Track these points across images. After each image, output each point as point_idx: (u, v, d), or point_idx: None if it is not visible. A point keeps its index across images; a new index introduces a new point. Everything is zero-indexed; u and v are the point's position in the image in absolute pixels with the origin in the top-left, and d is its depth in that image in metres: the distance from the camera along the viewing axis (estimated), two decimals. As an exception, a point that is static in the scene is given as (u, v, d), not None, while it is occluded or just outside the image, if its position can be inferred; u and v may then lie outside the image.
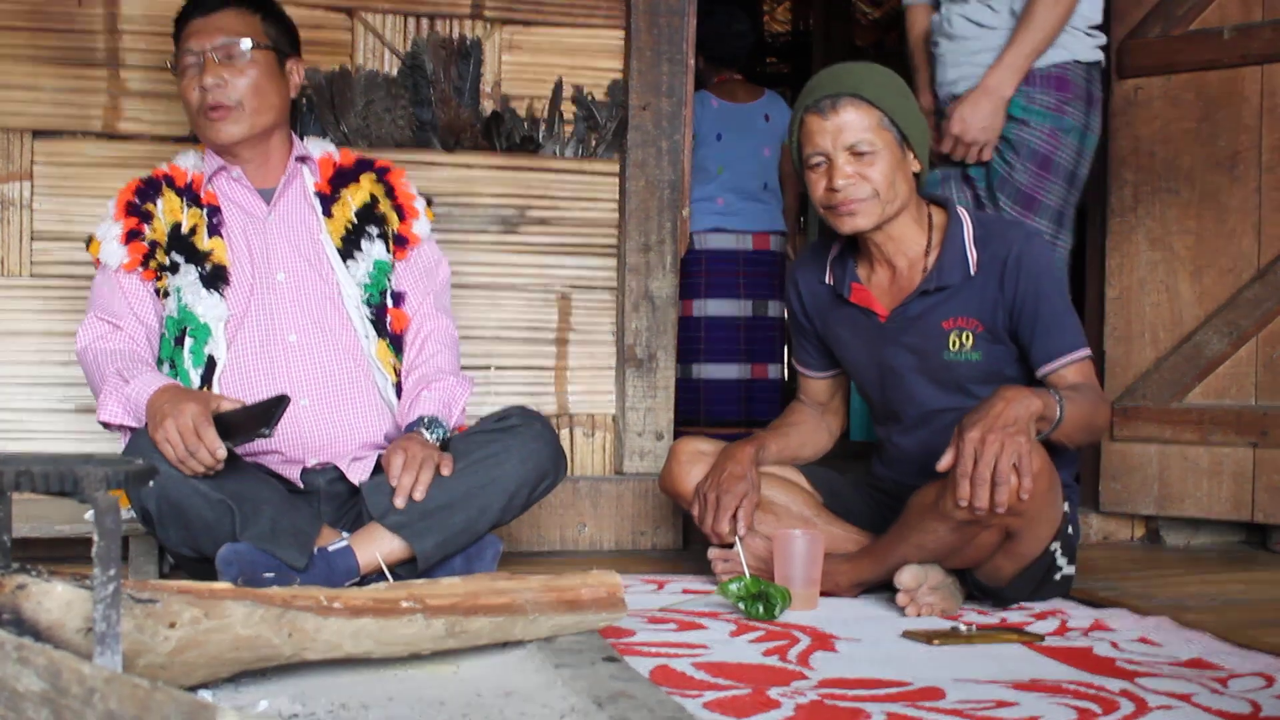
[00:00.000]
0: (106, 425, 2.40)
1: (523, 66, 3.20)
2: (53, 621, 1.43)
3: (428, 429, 2.43)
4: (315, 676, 1.74)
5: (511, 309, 3.18)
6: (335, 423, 2.48)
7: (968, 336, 2.49)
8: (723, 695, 1.78)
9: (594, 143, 3.23)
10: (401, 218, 2.61)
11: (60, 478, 1.35)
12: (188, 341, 2.44)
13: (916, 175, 2.52)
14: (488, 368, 3.15)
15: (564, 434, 3.21)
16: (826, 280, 2.64)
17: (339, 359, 2.51)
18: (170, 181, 2.54)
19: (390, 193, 2.62)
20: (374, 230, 2.58)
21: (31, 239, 2.91)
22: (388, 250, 2.58)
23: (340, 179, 2.61)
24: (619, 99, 3.22)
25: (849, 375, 2.74)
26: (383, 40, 3.10)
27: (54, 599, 1.43)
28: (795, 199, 4.74)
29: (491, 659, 1.85)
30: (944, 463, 2.22)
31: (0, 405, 2.90)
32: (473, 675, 1.79)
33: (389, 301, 2.56)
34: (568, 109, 3.22)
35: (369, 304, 2.54)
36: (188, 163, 2.57)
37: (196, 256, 2.47)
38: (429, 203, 2.70)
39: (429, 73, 3.11)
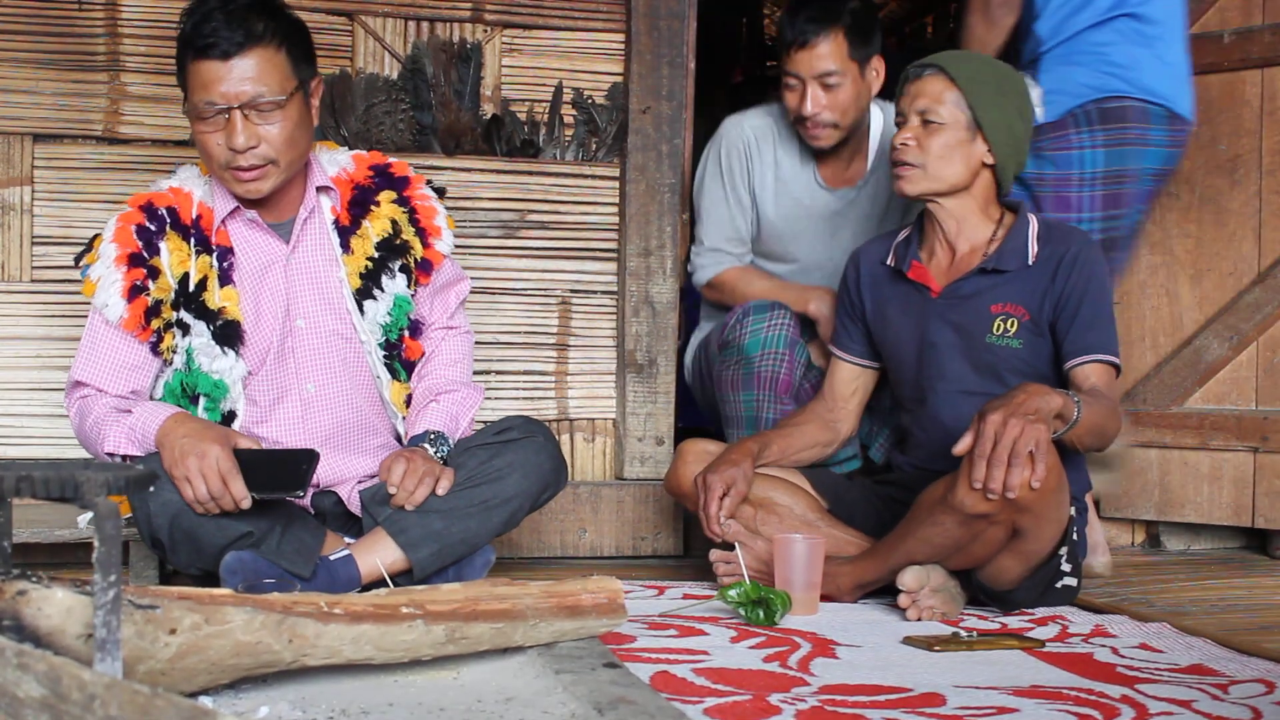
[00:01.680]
0: (111, 455, 2.29)
1: (523, 70, 3.20)
2: (53, 627, 1.43)
3: (432, 445, 2.40)
4: (316, 682, 1.74)
5: (512, 313, 3.18)
6: (346, 465, 2.44)
7: (1013, 323, 2.55)
8: (723, 701, 1.77)
9: (594, 146, 3.23)
10: (425, 242, 2.48)
11: (61, 483, 1.35)
12: (201, 400, 2.35)
13: (990, 168, 2.58)
14: (488, 373, 3.15)
15: (564, 439, 3.20)
16: (888, 260, 2.70)
17: (355, 406, 2.44)
18: (176, 219, 2.35)
19: (412, 216, 2.48)
20: (395, 264, 2.45)
21: (32, 244, 2.91)
22: (409, 283, 2.46)
23: (359, 204, 2.45)
24: (619, 102, 3.23)
25: (886, 358, 2.74)
26: (383, 44, 3.10)
27: (54, 605, 1.43)
28: None
29: (492, 665, 1.85)
30: (962, 445, 2.25)
31: (0, 410, 2.89)
32: (473, 681, 1.79)
33: (406, 334, 2.48)
34: (568, 113, 3.22)
35: (385, 344, 2.45)
36: (196, 190, 2.38)
37: (208, 315, 2.33)
38: (442, 194, 2.59)
39: (429, 76, 3.11)
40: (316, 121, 2.41)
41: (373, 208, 2.46)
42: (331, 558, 2.27)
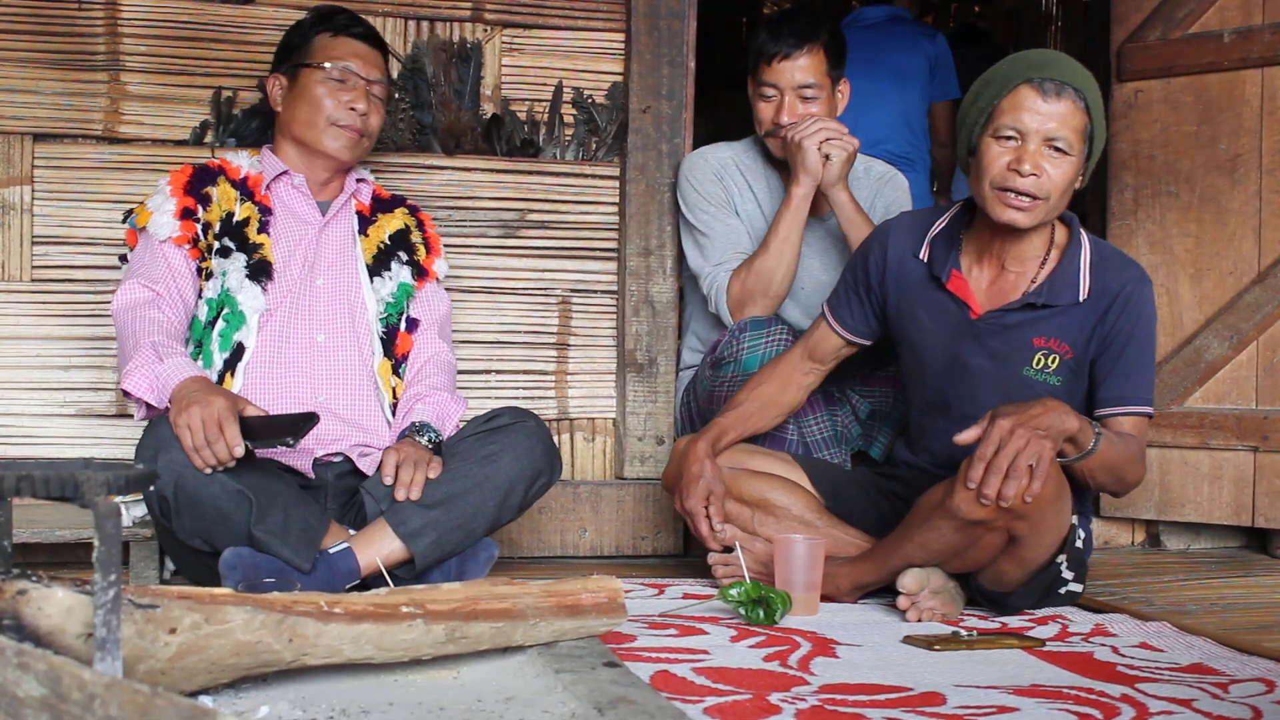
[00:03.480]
0: (127, 394, 2.37)
1: (523, 70, 3.20)
2: (53, 627, 1.43)
3: (419, 433, 2.50)
4: (316, 682, 1.74)
5: (512, 313, 3.18)
6: (348, 418, 2.56)
7: (1054, 359, 2.44)
8: (723, 700, 1.77)
9: (594, 146, 3.23)
10: (428, 251, 2.77)
11: (61, 483, 1.35)
12: (219, 325, 2.50)
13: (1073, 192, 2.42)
14: (488, 372, 3.15)
15: (564, 438, 3.20)
16: (921, 256, 2.54)
17: (357, 364, 2.61)
18: (225, 173, 2.62)
19: (420, 227, 2.79)
20: (404, 255, 2.72)
21: (32, 243, 2.91)
22: (413, 276, 2.71)
23: (379, 206, 2.76)
24: (619, 102, 3.22)
25: (903, 353, 2.63)
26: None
27: (54, 604, 1.43)
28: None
29: (492, 664, 1.85)
30: (968, 436, 2.22)
31: (0, 410, 2.89)
32: (473, 680, 1.79)
33: (402, 325, 2.67)
34: (568, 112, 3.22)
35: (385, 323, 2.64)
36: (241, 161, 2.66)
37: (247, 246, 2.55)
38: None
39: (429, 76, 3.11)
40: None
41: (389, 212, 2.77)
42: (331, 551, 2.29)
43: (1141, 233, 3.33)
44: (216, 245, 2.54)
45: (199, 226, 2.53)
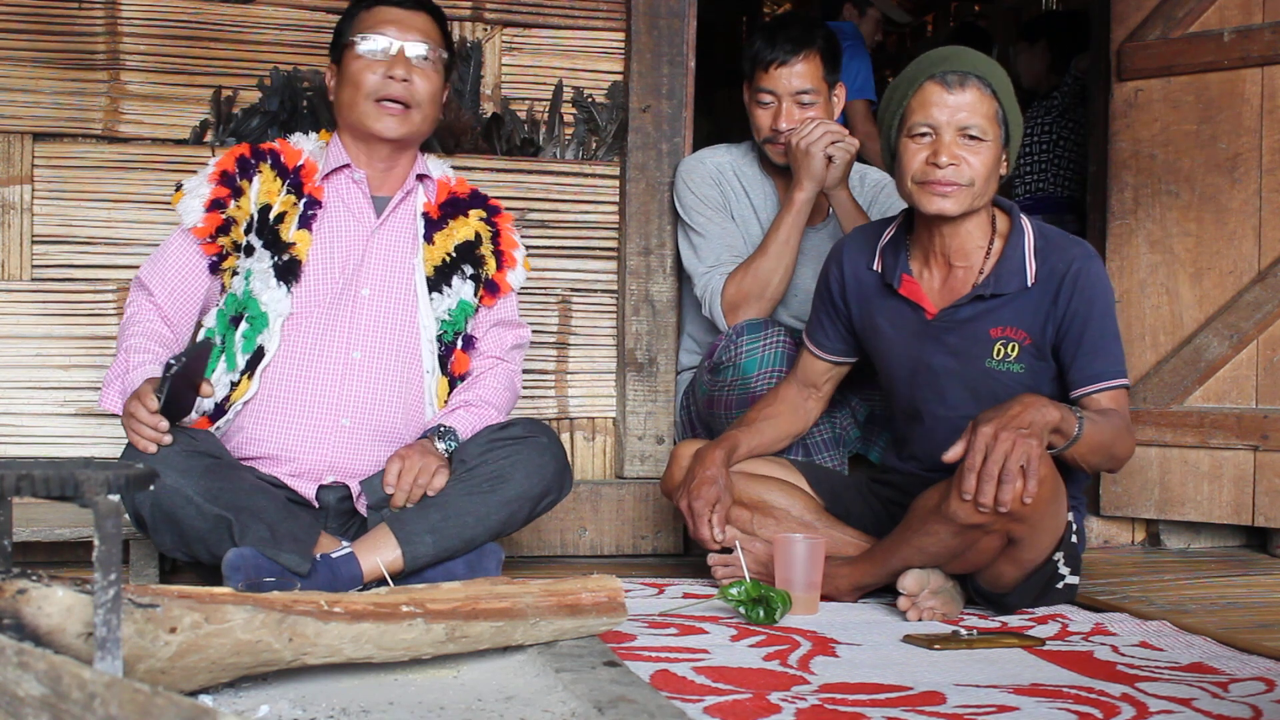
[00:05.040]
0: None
1: (523, 69, 3.20)
2: (53, 626, 1.43)
3: (441, 439, 2.42)
4: (316, 681, 1.74)
5: (512, 312, 3.17)
6: (367, 450, 2.46)
7: (1014, 347, 2.46)
8: (723, 700, 1.77)
9: (594, 145, 3.23)
10: (499, 265, 2.60)
11: (61, 482, 1.35)
12: (242, 325, 2.43)
13: (1002, 176, 2.48)
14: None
15: (564, 438, 3.20)
16: (874, 267, 2.58)
17: (394, 389, 2.48)
18: (277, 160, 2.50)
19: (495, 238, 2.61)
20: (468, 270, 2.55)
21: (32, 243, 2.91)
22: (475, 294, 2.56)
23: (451, 207, 2.59)
24: (619, 101, 3.22)
25: (876, 365, 2.66)
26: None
27: (54, 604, 1.43)
28: None
29: (492, 663, 1.85)
30: (953, 454, 2.21)
31: (0, 409, 2.89)
32: (473, 680, 1.79)
33: (459, 344, 2.54)
34: (568, 111, 3.22)
35: (440, 340, 2.52)
36: (305, 147, 2.54)
37: (277, 245, 2.44)
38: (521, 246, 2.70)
39: (429, 76, 3.11)
40: (440, 116, 2.61)
41: (462, 216, 2.60)
42: (334, 555, 2.28)
43: (1141, 232, 3.33)
44: (243, 242, 2.45)
45: (224, 219, 2.44)
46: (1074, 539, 2.47)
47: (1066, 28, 4.93)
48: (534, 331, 3.17)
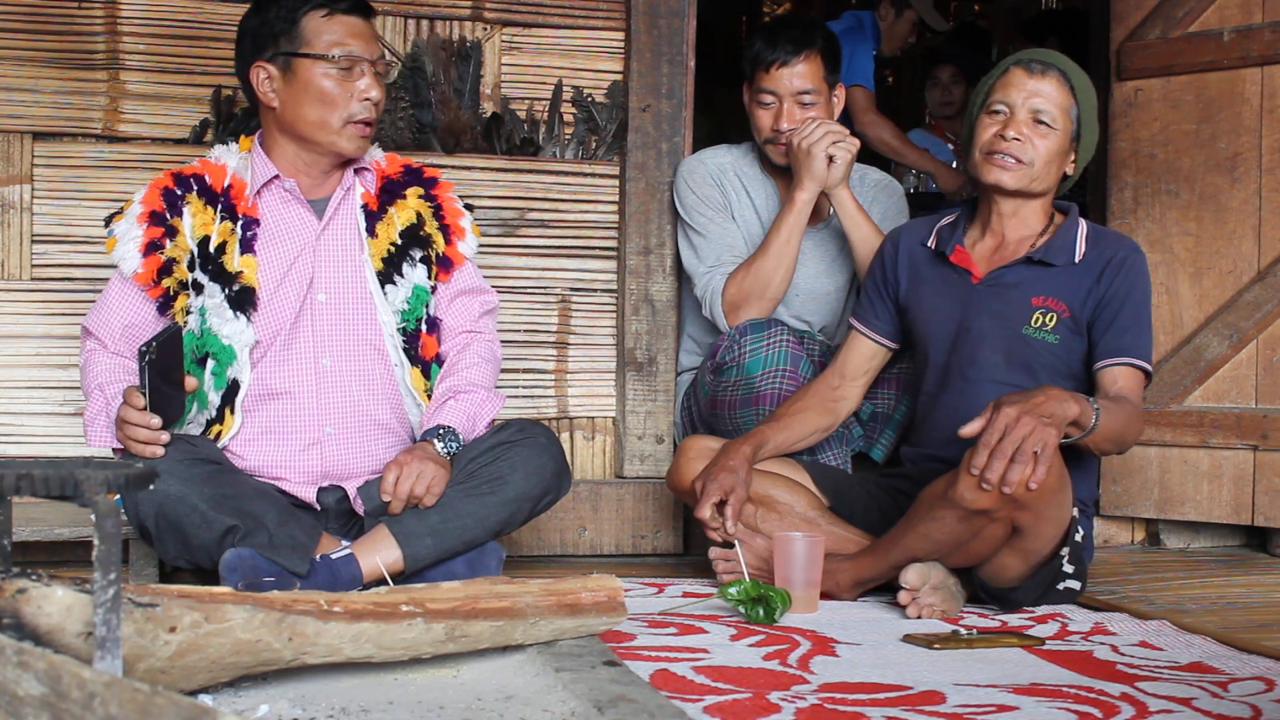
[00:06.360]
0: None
1: (523, 68, 3.20)
2: (53, 626, 1.43)
3: (441, 440, 2.39)
4: (315, 680, 1.74)
5: (511, 311, 3.17)
6: (357, 452, 2.46)
7: (1052, 318, 2.55)
8: (723, 699, 1.77)
9: (594, 145, 3.23)
10: (447, 239, 2.52)
11: (60, 481, 1.35)
12: (209, 364, 2.38)
13: (1066, 178, 2.62)
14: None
15: (564, 437, 3.20)
16: (929, 243, 2.70)
17: (370, 388, 2.46)
18: (203, 185, 2.42)
19: (437, 212, 2.53)
20: (417, 254, 2.49)
21: (31, 242, 2.91)
22: (429, 275, 2.50)
23: (388, 193, 2.51)
24: (619, 100, 3.22)
25: (916, 340, 2.71)
26: (382, 42, 3.09)
27: (54, 603, 1.43)
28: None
29: (491, 663, 1.85)
30: (971, 428, 2.25)
31: (0, 409, 2.89)
32: (473, 679, 1.79)
33: (423, 328, 2.49)
34: (568, 111, 3.22)
35: (403, 331, 2.48)
36: (230, 162, 2.45)
37: (224, 276, 2.37)
38: (470, 209, 2.62)
39: (429, 75, 3.11)
40: None
41: (400, 199, 2.52)
42: (333, 556, 2.28)
43: (1141, 231, 3.33)
44: (189, 279, 2.37)
45: (164, 260, 2.37)
46: (1079, 537, 2.48)
47: (1074, 26, 4.92)
48: (534, 331, 3.19)
